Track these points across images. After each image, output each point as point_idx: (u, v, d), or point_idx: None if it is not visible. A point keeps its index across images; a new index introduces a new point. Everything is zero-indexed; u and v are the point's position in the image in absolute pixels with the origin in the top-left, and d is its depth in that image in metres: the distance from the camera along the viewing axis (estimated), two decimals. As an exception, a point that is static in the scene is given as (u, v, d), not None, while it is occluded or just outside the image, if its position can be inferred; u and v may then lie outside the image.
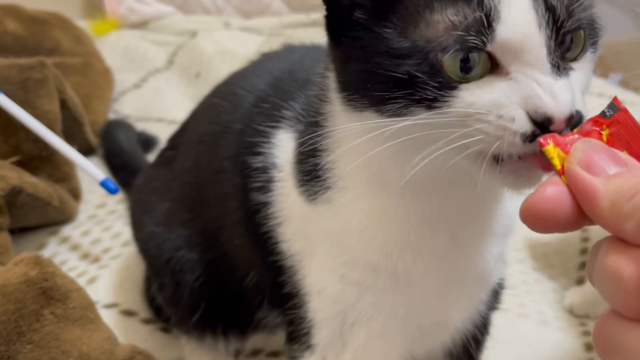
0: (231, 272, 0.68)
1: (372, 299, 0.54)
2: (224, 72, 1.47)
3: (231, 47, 1.59)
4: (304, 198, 0.55)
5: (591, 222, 0.32)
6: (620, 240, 0.30)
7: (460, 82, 0.40)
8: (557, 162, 0.35)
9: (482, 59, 0.40)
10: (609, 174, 0.32)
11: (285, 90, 0.63)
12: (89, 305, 0.70)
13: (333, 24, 0.46)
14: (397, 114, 0.41)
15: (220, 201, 0.66)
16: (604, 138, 0.36)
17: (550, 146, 0.36)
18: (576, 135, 0.37)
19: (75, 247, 0.98)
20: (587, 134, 0.37)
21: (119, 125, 1.15)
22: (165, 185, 0.76)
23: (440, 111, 0.40)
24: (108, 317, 0.79)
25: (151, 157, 1.15)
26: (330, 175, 0.52)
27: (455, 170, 0.42)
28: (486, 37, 0.39)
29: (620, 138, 0.36)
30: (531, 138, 0.39)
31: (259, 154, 0.60)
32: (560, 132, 0.39)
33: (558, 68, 0.40)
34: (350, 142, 0.47)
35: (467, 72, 0.40)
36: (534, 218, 0.33)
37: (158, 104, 1.39)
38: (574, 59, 0.42)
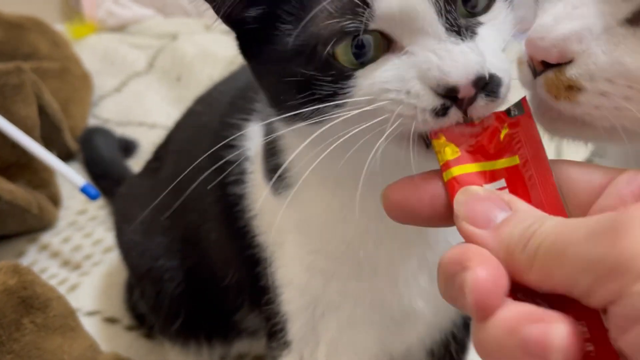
0: (211, 275, 0.68)
1: (338, 286, 0.55)
2: (205, 75, 1.48)
3: (212, 49, 1.58)
4: (271, 192, 0.55)
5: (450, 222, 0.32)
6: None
7: (356, 69, 0.38)
8: (441, 158, 0.35)
9: (374, 39, 0.37)
10: (496, 222, 0.30)
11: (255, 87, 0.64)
12: (70, 314, 0.69)
13: (241, 43, 0.45)
14: (313, 117, 0.40)
15: (199, 200, 0.66)
16: (502, 136, 0.35)
17: (440, 140, 0.35)
18: (475, 129, 0.36)
19: (55, 254, 0.97)
20: (487, 129, 0.35)
21: (99, 132, 1.14)
22: (146, 194, 0.75)
23: (346, 104, 0.38)
24: (90, 325, 0.78)
25: (132, 162, 1.15)
26: (289, 174, 0.53)
27: (402, 158, 0.40)
28: (365, 17, 0.36)
29: (517, 141, 0.35)
30: (443, 112, 0.37)
31: (233, 147, 0.61)
32: (473, 98, 0.36)
33: (458, 31, 0.37)
34: (295, 147, 0.47)
35: (361, 58, 0.38)
36: (387, 205, 0.33)
37: (139, 108, 1.38)
38: (483, 11, 0.40)
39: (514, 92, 0.41)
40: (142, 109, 1.38)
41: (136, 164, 1.11)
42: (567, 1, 0.37)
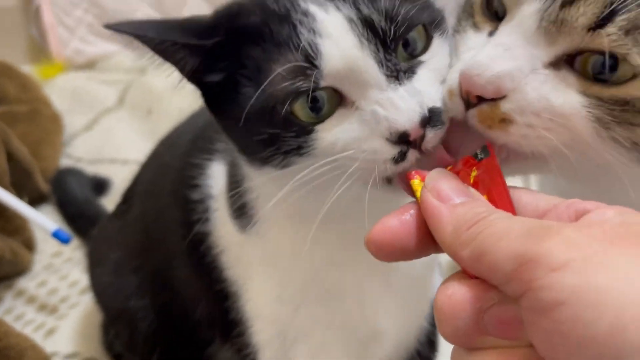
0: (183, 312, 0.70)
1: (307, 314, 0.57)
2: (176, 107, 1.50)
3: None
4: (237, 228, 0.57)
5: (439, 249, 0.34)
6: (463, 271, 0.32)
7: (316, 124, 0.41)
8: (418, 196, 0.36)
9: (327, 95, 0.41)
10: (456, 202, 0.33)
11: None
12: (45, 361, 0.70)
13: (206, 100, 0.48)
14: (281, 167, 0.43)
15: (167, 239, 0.68)
16: (471, 180, 0.37)
17: (416, 180, 0.38)
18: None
19: (31, 300, 0.97)
20: (457, 173, 0.38)
21: (70, 173, 1.15)
22: (116, 236, 0.77)
23: (309, 157, 0.42)
24: (68, 369, 0.78)
25: (106, 200, 1.16)
26: (255, 211, 0.55)
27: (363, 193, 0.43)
28: (315, 77, 0.40)
29: (484, 183, 0.37)
30: (401, 157, 0.40)
31: (196, 186, 0.62)
32: (422, 138, 0.40)
33: (397, 76, 0.41)
34: (261, 188, 0.50)
35: (318, 112, 0.41)
36: (373, 247, 0.34)
37: (110, 144, 1.39)
38: (423, 52, 0.44)
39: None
40: (114, 145, 1.39)
41: (110, 202, 1.12)
42: (499, 43, 0.41)
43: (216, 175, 0.62)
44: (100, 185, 1.17)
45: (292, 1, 0.43)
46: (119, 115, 1.50)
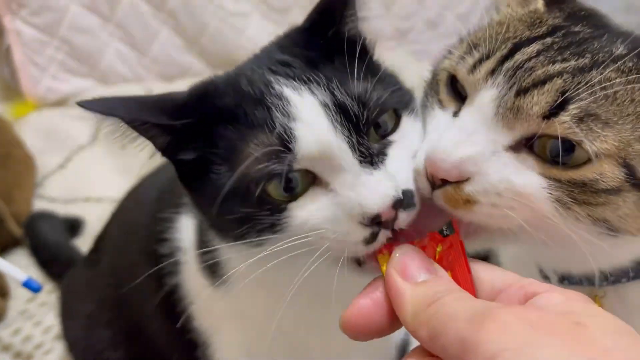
0: None
1: None
2: (149, 141, 1.50)
3: (155, 114, 1.60)
4: (205, 281, 0.57)
5: None
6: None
7: (289, 202, 0.42)
8: (384, 270, 0.37)
9: (301, 175, 0.42)
10: (418, 280, 0.35)
11: None
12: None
13: (180, 175, 0.49)
14: (254, 244, 0.44)
15: (138, 293, 0.68)
16: (437, 255, 0.39)
17: (385, 255, 0.39)
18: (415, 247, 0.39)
19: (6, 348, 0.96)
20: (423, 248, 0.39)
21: (42, 217, 1.14)
22: (88, 288, 0.77)
23: (282, 234, 0.43)
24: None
25: (80, 241, 1.15)
26: (224, 270, 0.55)
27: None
28: (289, 160, 0.41)
29: (448, 259, 0.38)
30: (372, 238, 0.41)
31: (165, 240, 0.63)
32: (393, 219, 0.41)
33: (370, 160, 0.42)
34: (231, 254, 0.50)
35: (291, 191, 0.42)
36: (350, 332, 0.35)
37: (85, 182, 1.38)
38: (392, 131, 0.45)
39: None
40: (88, 183, 1.38)
41: (84, 242, 1.11)
42: (462, 128, 0.43)
43: (184, 229, 0.62)
44: (73, 226, 1.17)
45: (267, 84, 0.44)
46: (93, 151, 1.50)
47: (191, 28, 1.79)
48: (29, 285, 0.87)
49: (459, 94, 0.47)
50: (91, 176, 1.41)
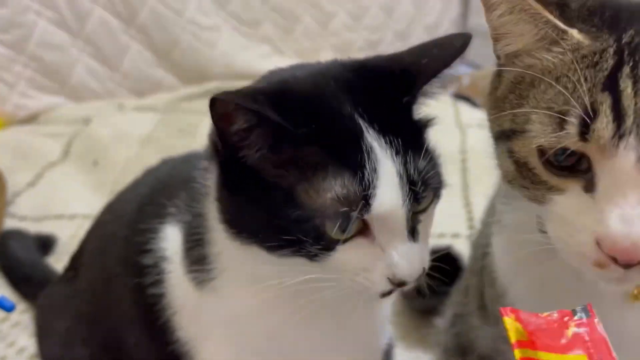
0: None
1: None
2: (122, 156, 1.50)
3: (127, 129, 1.60)
4: (193, 285, 0.58)
5: None
6: None
7: (337, 242, 0.46)
8: (512, 335, 0.37)
9: (357, 222, 0.46)
10: None
11: (168, 191, 0.67)
12: None
13: (228, 176, 0.50)
14: (279, 256, 0.47)
15: (117, 307, 0.68)
16: (569, 333, 0.38)
17: (509, 318, 0.38)
18: (541, 320, 0.38)
19: (-22, 371, 0.94)
20: (554, 322, 0.38)
21: (13, 236, 1.12)
22: (64, 305, 0.76)
23: (318, 265, 0.47)
24: None
25: (52, 259, 1.13)
26: (214, 266, 0.56)
27: None
28: (364, 210, 0.45)
29: (585, 340, 0.37)
30: (388, 293, 0.48)
31: (148, 251, 0.63)
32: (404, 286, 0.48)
33: (413, 233, 0.48)
34: (227, 246, 0.51)
35: (344, 231, 0.46)
36: None
37: (56, 200, 1.36)
38: (423, 211, 0.50)
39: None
40: (59, 200, 1.37)
41: (56, 260, 1.10)
42: (626, 204, 0.41)
43: (170, 238, 0.62)
44: (45, 244, 1.15)
45: (361, 128, 0.46)
46: (64, 168, 1.48)
47: (162, 43, 1.79)
48: (1, 304, 0.86)
49: (565, 169, 0.44)
50: (63, 193, 1.39)
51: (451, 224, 1.19)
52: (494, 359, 0.66)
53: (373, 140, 0.46)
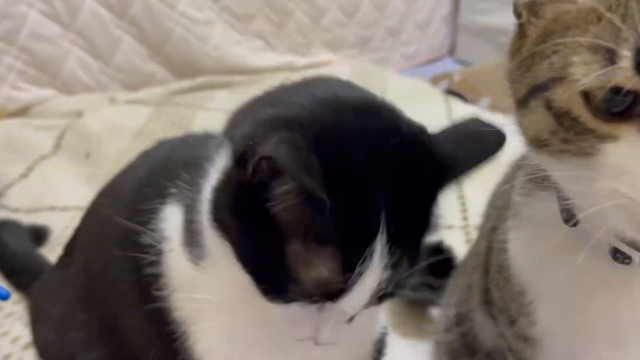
0: None
1: (260, 353, 0.59)
2: (114, 148, 1.49)
3: (119, 122, 1.60)
4: (190, 264, 0.58)
5: None
6: None
7: (295, 300, 0.48)
8: None
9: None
10: None
11: (167, 171, 0.67)
12: None
13: (235, 194, 0.49)
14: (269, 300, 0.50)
15: (115, 289, 0.68)
16: None
17: None
18: None
19: (-28, 360, 0.94)
20: None
21: (6, 226, 1.11)
22: (58, 291, 0.76)
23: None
24: None
25: (46, 250, 1.13)
26: (204, 243, 0.56)
27: None
28: (330, 299, 0.47)
29: None
30: None
31: (148, 231, 0.63)
32: None
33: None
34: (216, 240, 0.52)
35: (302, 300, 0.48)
36: None
37: (48, 192, 1.36)
38: None
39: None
40: (52, 192, 1.36)
41: (50, 251, 1.10)
42: None
43: (170, 218, 0.62)
44: (39, 235, 1.15)
45: (377, 232, 0.45)
46: (56, 161, 1.48)
47: (154, 36, 1.79)
48: (-3, 292, 0.86)
49: (617, 115, 0.39)
50: (55, 185, 1.38)
51: (445, 215, 1.20)
52: (500, 355, 0.66)
53: (380, 245, 0.44)
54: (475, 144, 0.50)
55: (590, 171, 0.41)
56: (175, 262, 0.61)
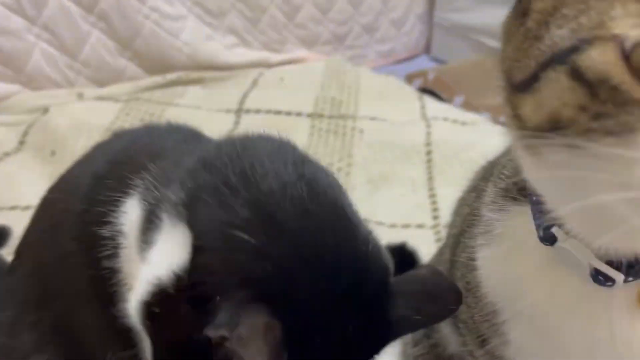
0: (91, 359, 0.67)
1: None
2: (81, 146, 1.45)
3: (86, 119, 1.55)
4: (143, 261, 0.57)
5: None
6: None
7: None
8: None
9: None
10: None
11: (132, 164, 0.65)
12: None
13: None
14: None
15: (69, 286, 0.66)
16: None
17: None
18: None
19: None
20: None
21: (-37, 226, 1.08)
22: (7, 295, 0.73)
23: None
24: None
25: (5, 251, 1.09)
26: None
27: None
28: None
29: None
30: None
31: (107, 223, 0.61)
32: None
33: None
34: None
35: None
36: None
37: (11, 190, 1.32)
38: None
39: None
40: (15, 191, 1.32)
41: (11, 252, 1.06)
42: None
43: (130, 212, 0.61)
44: (-1, 236, 1.11)
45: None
46: (20, 158, 1.44)
47: (124, 31, 1.75)
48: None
49: None
50: (19, 183, 1.34)
51: (416, 214, 1.19)
52: None
53: None
54: (433, 305, 0.52)
55: (630, 151, 0.33)
56: (131, 259, 0.60)
